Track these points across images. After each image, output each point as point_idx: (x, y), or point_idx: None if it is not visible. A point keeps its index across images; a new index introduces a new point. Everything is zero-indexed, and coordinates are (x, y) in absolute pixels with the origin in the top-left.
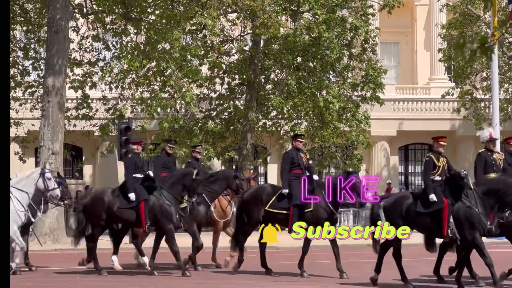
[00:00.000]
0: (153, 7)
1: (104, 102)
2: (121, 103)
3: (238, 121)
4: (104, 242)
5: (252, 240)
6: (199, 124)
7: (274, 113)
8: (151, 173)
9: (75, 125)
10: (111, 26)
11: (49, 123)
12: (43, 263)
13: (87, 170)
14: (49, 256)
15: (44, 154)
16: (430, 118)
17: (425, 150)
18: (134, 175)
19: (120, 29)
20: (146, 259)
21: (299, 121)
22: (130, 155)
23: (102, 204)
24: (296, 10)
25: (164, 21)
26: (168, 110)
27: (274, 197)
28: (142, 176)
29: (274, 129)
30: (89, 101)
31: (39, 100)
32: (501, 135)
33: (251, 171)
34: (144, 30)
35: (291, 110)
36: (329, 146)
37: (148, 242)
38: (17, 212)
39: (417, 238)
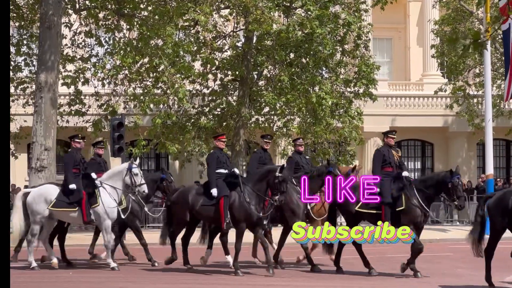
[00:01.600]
0: (145, 3)
1: (97, 98)
2: (114, 99)
3: (231, 117)
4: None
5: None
6: (192, 120)
7: (266, 109)
8: (236, 171)
9: (67, 121)
10: (104, 22)
11: (41, 119)
12: (35, 259)
13: None
14: (41, 252)
15: (37, 150)
16: (423, 114)
17: (418, 146)
18: (217, 171)
19: (112, 25)
20: (229, 258)
21: (291, 117)
22: (212, 151)
23: (187, 201)
24: (288, 6)
25: (157, 17)
26: (161, 106)
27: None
28: (226, 171)
29: (266, 125)
30: (82, 97)
31: (31, 96)
32: (494, 131)
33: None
34: (137, 26)
35: (283, 106)
36: (322, 142)
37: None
38: (109, 208)
39: None
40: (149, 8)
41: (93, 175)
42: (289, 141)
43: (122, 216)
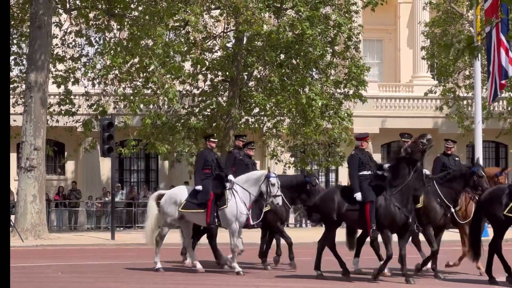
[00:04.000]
0: (136, 3)
1: (87, 98)
2: (104, 99)
3: (221, 117)
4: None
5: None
6: (182, 121)
7: (256, 110)
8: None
9: (57, 121)
10: (94, 22)
11: (31, 119)
12: (24, 258)
13: (69, 166)
14: (30, 252)
15: (26, 150)
16: (413, 115)
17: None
18: (360, 173)
19: (103, 25)
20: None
21: (281, 118)
22: (353, 152)
23: (333, 203)
24: (279, 7)
25: (147, 17)
26: (151, 106)
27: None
28: (369, 173)
29: (256, 126)
30: (72, 97)
31: (21, 96)
32: (483, 133)
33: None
34: (127, 26)
35: (273, 107)
36: (311, 143)
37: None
38: (239, 212)
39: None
40: (140, 8)
41: (230, 176)
42: (279, 142)
43: (251, 222)
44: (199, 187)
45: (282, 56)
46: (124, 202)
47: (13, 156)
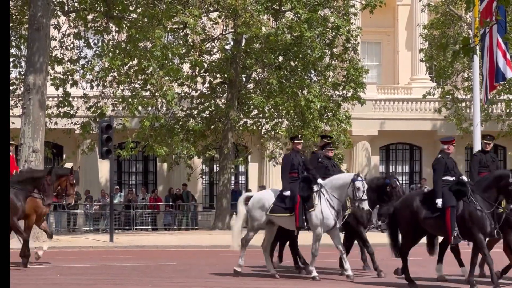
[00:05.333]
0: (134, 5)
1: (85, 100)
2: (102, 101)
3: (219, 120)
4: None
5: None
6: (180, 123)
7: (255, 112)
8: (464, 178)
9: (56, 123)
10: (93, 24)
11: (29, 121)
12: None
13: None
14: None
15: (25, 152)
16: (412, 118)
17: (406, 150)
18: (444, 178)
19: (101, 27)
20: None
21: (280, 120)
22: (439, 156)
23: (411, 210)
24: (278, 9)
25: (145, 19)
26: (149, 108)
27: None
28: (453, 179)
29: (255, 128)
30: (70, 99)
31: (19, 98)
32: (481, 135)
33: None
34: (126, 28)
35: (272, 109)
36: (310, 145)
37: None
38: (325, 216)
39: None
40: (138, 10)
41: (320, 180)
42: (278, 144)
43: (338, 225)
44: (288, 193)
45: (281, 58)
46: (123, 204)
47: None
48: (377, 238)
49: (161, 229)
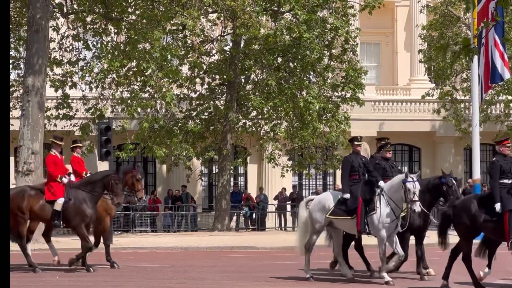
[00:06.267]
0: (133, 7)
1: (84, 101)
2: (101, 103)
3: (218, 121)
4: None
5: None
6: (179, 124)
7: (254, 113)
8: None
9: (55, 125)
10: (92, 26)
11: (29, 123)
12: (22, 262)
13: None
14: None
15: (24, 154)
16: (410, 118)
17: (405, 150)
18: (500, 181)
19: (100, 28)
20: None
21: (279, 121)
22: (494, 159)
23: (470, 214)
24: (276, 11)
25: (144, 21)
26: (148, 110)
27: None
28: (510, 182)
29: (254, 129)
30: (69, 100)
31: (18, 100)
32: (481, 136)
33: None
34: (125, 30)
35: (271, 111)
36: (309, 146)
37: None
38: (387, 219)
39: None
40: (137, 12)
41: (381, 183)
42: (277, 145)
43: (400, 230)
44: (347, 195)
45: (280, 59)
46: (122, 206)
47: (10, 160)
48: (369, 240)
49: (160, 230)
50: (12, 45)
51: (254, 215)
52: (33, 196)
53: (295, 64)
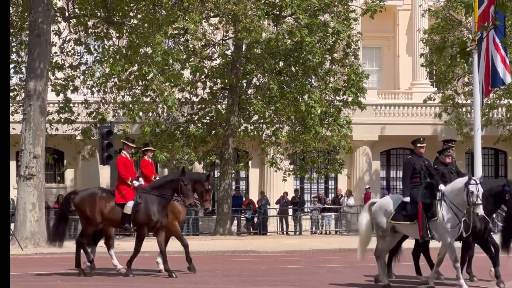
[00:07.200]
0: (135, 11)
1: (86, 106)
2: (103, 107)
3: (220, 125)
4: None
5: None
6: (181, 128)
7: (255, 117)
8: None
9: (57, 129)
10: (93, 30)
11: (30, 127)
12: (23, 267)
13: (69, 174)
14: (29, 260)
15: (26, 158)
16: (412, 122)
17: (407, 155)
18: None
19: (102, 33)
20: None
21: (280, 125)
22: None
23: None
24: (278, 15)
25: (146, 25)
26: (150, 114)
27: None
28: None
29: (255, 133)
30: (71, 105)
31: (20, 104)
32: (482, 140)
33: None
34: (126, 34)
35: (272, 115)
36: (310, 150)
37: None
38: (449, 224)
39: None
40: (139, 16)
41: (441, 186)
42: (278, 150)
43: (464, 235)
44: (407, 199)
45: (281, 63)
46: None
47: (12, 164)
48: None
49: None
50: (14, 49)
51: (255, 219)
52: (104, 198)
53: (296, 68)
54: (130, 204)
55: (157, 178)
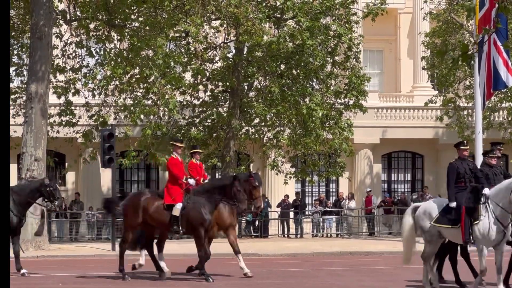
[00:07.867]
0: (136, 14)
1: (87, 108)
2: (104, 110)
3: (221, 128)
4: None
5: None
6: (182, 131)
7: (257, 120)
8: None
9: (58, 132)
10: (95, 33)
11: (31, 130)
12: (25, 269)
13: (70, 177)
14: (31, 263)
15: (27, 161)
16: (413, 126)
17: (408, 158)
18: None
19: (103, 35)
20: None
21: (282, 128)
22: None
23: None
24: (279, 18)
25: (147, 28)
26: (151, 117)
27: None
28: None
29: (257, 136)
30: (72, 107)
31: (22, 107)
32: (484, 143)
33: None
34: (128, 36)
35: (274, 118)
36: (312, 153)
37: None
38: (491, 229)
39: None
40: (140, 19)
41: (485, 190)
42: (280, 152)
43: (510, 239)
44: (453, 204)
45: (283, 66)
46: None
47: (13, 167)
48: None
49: None
50: (15, 52)
51: (256, 222)
52: (150, 198)
53: (298, 71)
54: (178, 206)
55: (207, 181)
